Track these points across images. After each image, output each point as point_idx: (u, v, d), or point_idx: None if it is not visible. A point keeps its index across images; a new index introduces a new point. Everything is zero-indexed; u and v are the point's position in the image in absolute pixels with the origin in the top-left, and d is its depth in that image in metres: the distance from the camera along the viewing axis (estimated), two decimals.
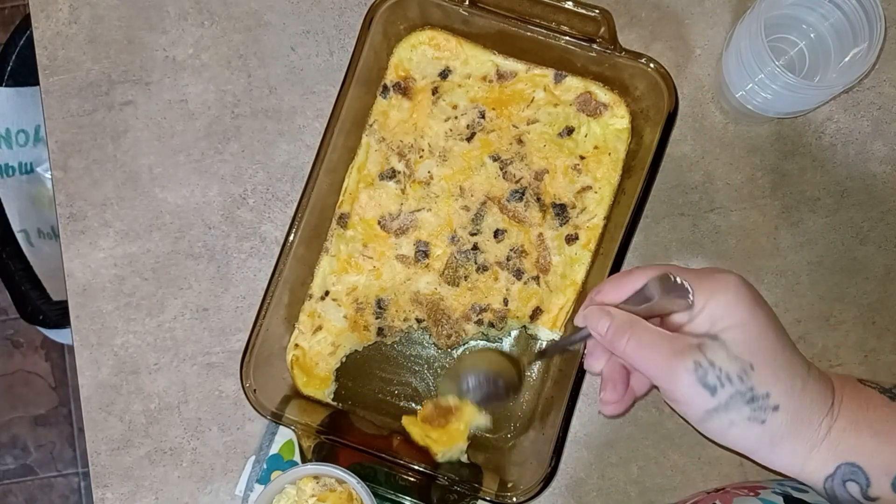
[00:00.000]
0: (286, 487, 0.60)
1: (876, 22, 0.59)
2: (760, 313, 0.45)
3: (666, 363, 0.45)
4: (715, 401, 0.44)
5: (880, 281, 0.68)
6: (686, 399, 0.45)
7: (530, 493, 0.59)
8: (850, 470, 0.43)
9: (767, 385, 0.43)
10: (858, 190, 0.69)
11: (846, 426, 0.44)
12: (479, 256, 0.67)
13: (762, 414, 0.43)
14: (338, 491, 0.60)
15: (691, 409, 0.45)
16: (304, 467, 0.60)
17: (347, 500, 0.59)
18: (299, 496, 0.60)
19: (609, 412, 0.51)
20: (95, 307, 0.70)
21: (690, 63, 0.70)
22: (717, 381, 0.44)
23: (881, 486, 0.43)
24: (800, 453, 0.44)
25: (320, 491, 0.60)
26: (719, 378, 0.44)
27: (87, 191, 0.71)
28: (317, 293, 0.67)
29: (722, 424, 0.44)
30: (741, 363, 0.44)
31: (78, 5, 0.73)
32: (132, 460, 0.69)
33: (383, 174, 0.68)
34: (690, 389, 0.44)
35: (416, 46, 0.68)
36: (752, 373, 0.43)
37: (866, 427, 0.44)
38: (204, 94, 0.72)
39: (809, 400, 0.44)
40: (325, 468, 0.59)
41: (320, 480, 0.60)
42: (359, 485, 0.58)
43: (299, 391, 0.66)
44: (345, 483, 0.59)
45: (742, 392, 0.43)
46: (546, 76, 0.68)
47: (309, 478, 0.60)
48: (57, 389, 1.47)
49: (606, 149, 0.67)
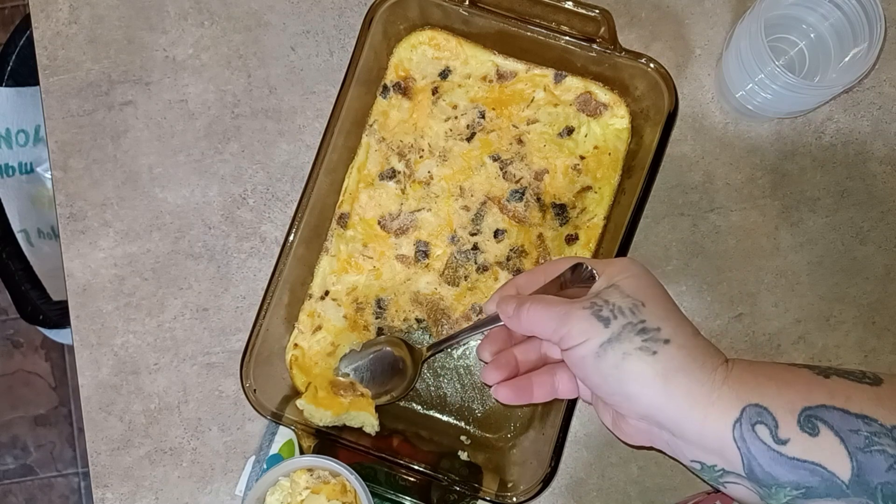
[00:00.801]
0: (280, 480, 0.60)
1: (876, 22, 0.59)
2: (650, 274, 0.49)
3: (563, 310, 0.47)
4: (608, 332, 0.45)
5: (880, 281, 0.68)
6: (581, 335, 0.46)
7: (530, 493, 0.59)
8: (757, 411, 0.43)
9: (658, 321, 0.45)
10: (858, 190, 0.69)
11: (742, 373, 0.44)
12: (479, 256, 0.67)
13: (653, 345, 0.44)
14: (331, 483, 0.60)
15: (587, 346, 0.46)
16: (298, 459, 0.60)
17: (341, 492, 0.59)
18: (293, 488, 0.60)
19: (502, 396, 0.53)
20: (95, 307, 0.70)
21: (690, 63, 0.70)
22: (609, 314, 0.45)
23: (788, 426, 0.42)
24: (698, 395, 0.44)
25: (314, 483, 0.60)
26: (612, 311, 0.46)
27: (87, 191, 0.71)
28: (317, 293, 0.67)
29: (615, 357, 0.45)
30: (633, 300, 0.46)
31: (78, 5, 0.73)
32: (132, 460, 0.69)
33: (383, 174, 0.68)
34: (585, 323, 0.46)
35: (416, 46, 0.68)
36: (643, 308, 0.46)
37: (762, 374, 0.44)
38: (204, 94, 0.72)
39: (702, 345, 0.46)
40: (318, 460, 0.59)
41: (314, 473, 0.60)
42: (352, 476, 0.58)
43: (299, 391, 0.66)
44: (338, 475, 0.59)
45: (633, 323, 0.45)
46: (546, 76, 0.68)
47: (302, 470, 0.60)
48: (57, 389, 1.47)
49: (606, 149, 0.67)
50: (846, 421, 0.42)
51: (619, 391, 0.46)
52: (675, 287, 0.68)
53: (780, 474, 0.43)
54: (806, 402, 0.43)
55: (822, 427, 0.42)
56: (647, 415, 0.46)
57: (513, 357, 0.55)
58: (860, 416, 0.42)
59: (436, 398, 0.67)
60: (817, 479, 0.42)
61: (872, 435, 0.41)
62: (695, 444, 0.45)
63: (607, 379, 0.46)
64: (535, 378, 0.54)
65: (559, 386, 0.54)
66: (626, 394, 0.46)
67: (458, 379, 0.67)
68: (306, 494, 0.59)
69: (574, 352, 0.47)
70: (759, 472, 0.43)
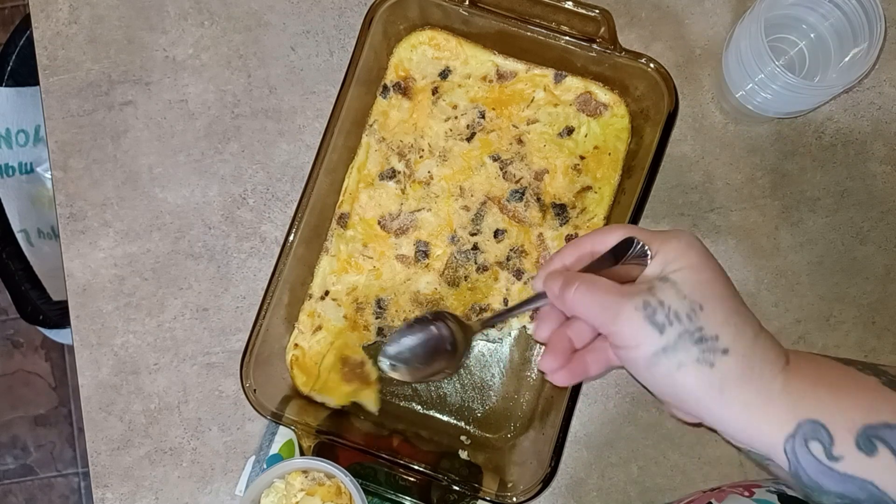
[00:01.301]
0: (275, 482, 0.60)
1: (876, 22, 0.59)
2: (713, 261, 0.45)
3: (614, 304, 0.43)
4: (663, 340, 0.42)
5: (880, 281, 0.68)
6: (633, 340, 0.43)
7: (530, 493, 0.59)
8: (813, 427, 0.41)
9: (717, 327, 0.42)
10: (858, 190, 0.69)
11: (802, 382, 0.42)
12: (479, 256, 0.67)
13: (711, 356, 0.41)
14: (326, 485, 0.60)
15: (639, 351, 0.43)
16: (293, 461, 0.60)
17: (336, 494, 0.59)
18: (288, 490, 0.60)
19: (559, 380, 0.50)
20: (95, 307, 0.70)
21: (690, 63, 0.70)
22: (665, 320, 0.42)
23: (845, 444, 0.40)
24: (753, 406, 0.41)
25: (309, 485, 0.60)
26: (667, 316, 0.42)
27: (87, 191, 0.71)
28: (317, 293, 0.67)
29: (670, 366, 0.42)
30: (690, 303, 0.42)
31: (78, 5, 0.73)
32: (132, 460, 0.69)
33: (383, 174, 0.68)
34: (638, 328, 0.42)
35: (416, 46, 0.68)
36: (700, 313, 0.42)
37: (825, 385, 0.42)
38: (204, 94, 0.72)
39: (762, 350, 0.42)
40: (313, 462, 0.59)
41: (309, 474, 0.60)
42: (347, 478, 0.58)
43: (299, 391, 0.66)
44: (333, 477, 0.59)
45: (690, 331, 0.42)
46: (546, 76, 0.68)
47: (297, 472, 0.60)
48: (57, 389, 1.47)
49: (606, 149, 0.67)
50: None
51: (670, 395, 0.44)
52: None
53: (828, 485, 0.41)
54: (867, 420, 0.40)
55: (880, 446, 0.40)
56: (697, 416, 0.44)
57: (566, 339, 0.50)
58: None
59: (436, 398, 0.67)
60: (865, 494, 0.40)
61: None
62: (744, 444, 0.44)
63: (659, 384, 0.44)
64: (589, 355, 0.50)
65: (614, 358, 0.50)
66: (678, 398, 0.44)
67: (458, 379, 0.67)
68: (301, 496, 0.59)
69: (623, 353, 0.44)
70: (806, 479, 0.42)
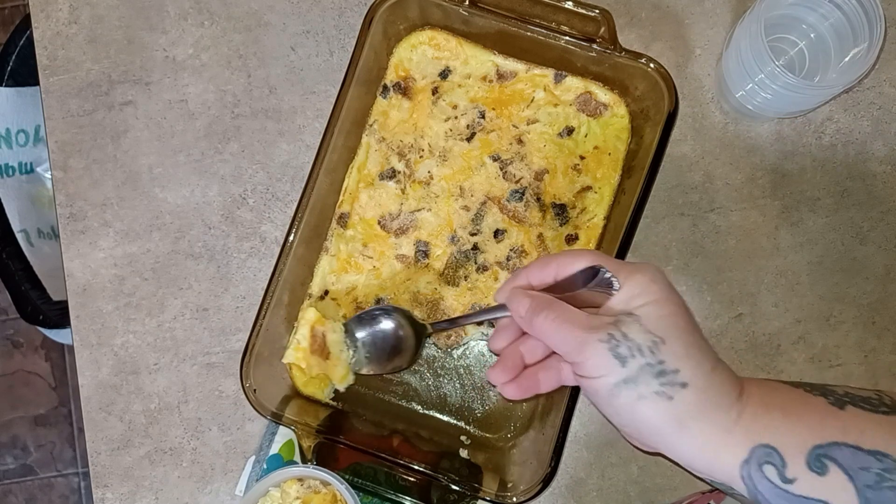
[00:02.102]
0: (270, 490, 0.60)
1: (876, 22, 0.59)
2: (675, 297, 0.47)
3: (580, 335, 0.45)
4: (625, 371, 0.44)
5: (880, 281, 0.68)
6: (596, 371, 0.44)
7: (530, 493, 0.59)
8: (765, 452, 0.42)
9: (677, 361, 0.44)
10: (858, 190, 0.69)
11: (757, 409, 0.44)
12: (479, 256, 0.67)
13: (670, 389, 0.43)
14: (322, 493, 0.59)
15: (601, 382, 0.44)
16: (289, 470, 0.60)
17: (332, 502, 0.59)
18: (283, 499, 0.59)
19: (508, 393, 0.52)
20: (95, 307, 0.70)
21: (690, 63, 0.70)
22: (627, 352, 0.44)
23: (797, 466, 0.42)
24: (711, 438, 0.43)
25: (304, 493, 0.59)
26: (630, 349, 0.44)
27: (87, 191, 0.71)
28: (316, 293, 0.67)
29: (630, 398, 0.44)
30: (652, 337, 0.44)
31: (78, 5, 0.73)
32: (132, 460, 0.69)
33: (383, 174, 0.68)
34: (601, 359, 0.44)
35: (416, 46, 0.68)
36: (662, 347, 0.44)
37: (776, 408, 0.44)
38: (204, 94, 0.72)
39: (719, 382, 0.44)
40: (309, 470, 0.59)
41: (304, 483, 0.60)
42: (342, 486, 0.58)
43: (299, 391, 0.66)
44: (329, 485, 0.59)
45: (651, 364, 0.43)
46: (546, 76, 0.68)
47: (293, 480, 0.60)
48: (57, 389, 1.47)
49: (606, 149, 0.67)
50: (857, 458, 0.41)
51: (629, 426, 0.46)
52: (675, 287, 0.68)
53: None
54: (817, 440, 0.42)
55: (831, 465, 0.41)
56: (656, 448, 0.46)
57: (518, 355, 0.53)
58: (872, 453, 0.41)
59: (436, 398, 0.67)
60: None
61: (884, 471, 0.41)
62: (704, 474, 0.45)
63: (620, 414, 0.45)
64: (542, 372, 0.53)
65: (565, 377, 0.53)
66: (638, 430, 0.45)
67: (458, 379, 0.67)
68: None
69: (588, 383, 0.46)
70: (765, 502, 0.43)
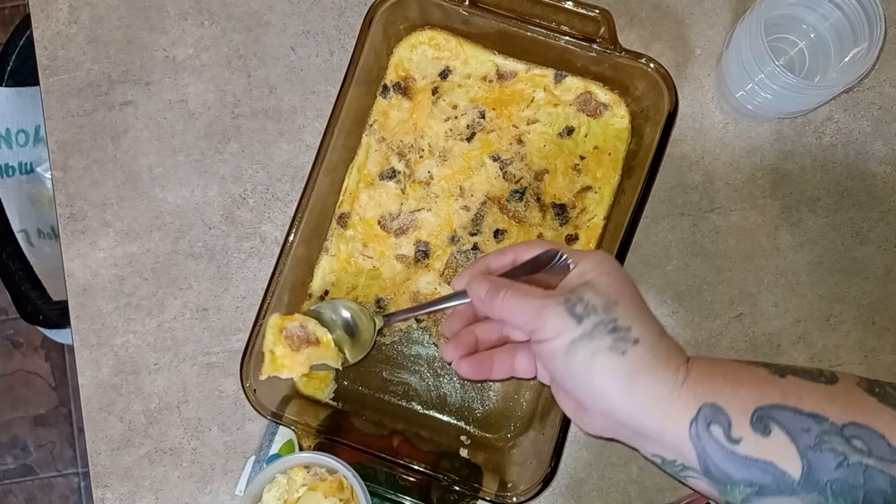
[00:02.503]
0: (276, 477, 0.60)
1: (876, 22, 0.59)
2: (624, 272, 0.49)
3: (539, 301, 0.48)
4: (580, 328, 0.46)
5: (880, 281, 0.68)
6: (554, 330, 0.46)
7: (530, 493, 0.59)
8: (711, 410, 0.44)
9: (630, 320, 0.46)
10: (858, 190, 0.69)
11: (701, 374, 0.45)
12: (478, 256, 0.67)
13: (623, 345, 0.45)
14: (328, 480, 0.59)
15: (558, 341, 0.46)
16: (295, 456, 0.60)
17: (338, 489, 0.59)
18: (290, 485, 0.59)
19: (463, 370, 0.54)
20: (95, 307, 0.70)
21: (690, 63, 0.70)
22: (583, 311, 0.46)
23: (741, 426, 0.43)
24: (660, 395, 0.45)
25: (311, 480, 0.59)
26: (585, 309, 0.46)
27: (87, 191, 0.71)
28: (316, 293, 0.67)
29: (586, 354, 0.45)
30: (607, 298, 0.47)
31: (78, 5, 0.73)
32: (132, 460, 0.69)
33: (383, 174, 0.68)
34: (559, 318, 0.46)
35: (416, 46, 0.68)
36: (615, 307, 0.46)
37: (719, 374, 0.45)
38: (204, 94, 0.72)
39: (666, 346, 0.46)
40: (315, 457, 0.59)
41: (311, 470, 0.60)
42: (349, 472, 0.58)
43: (299, 391, 0.66)
44: (336, 472, 0.59)
45: (605, 321, 0.46)
46: (546, 76, 0.68)
47: (299, 467, 0.60)
48: (57, 389, 1.47)
49: (606, 149, 0.67)
50: (797, 420, 0.43)
51: (584, 387, 0.47)
52: (675, 287, 0.68)
53: (734, 472, 0.44)
54: (759, 402, 0.44)
55: (773, 426, 0.43)
56: (609, 412, 0.47)
57: (473, 336, 0.56)
58: (811, 415, 0.43)
59: (436, 398, 0.67)
60: (769, 477, 0.43)
61: (823, 434, 0.42)
62: (655, 440, 0.46)
63: (574, 375, 0.47)
64: (496, 356, 0.55)
65: (518, 366, 0.55)
66: (592, 391, 0.46)
67: (458, 379, 0.67)
68: (303, 491, 0.59)
69: (545, 346, 0.47)
70: (714, 469, 0.44)
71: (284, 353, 0.60)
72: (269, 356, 0.60)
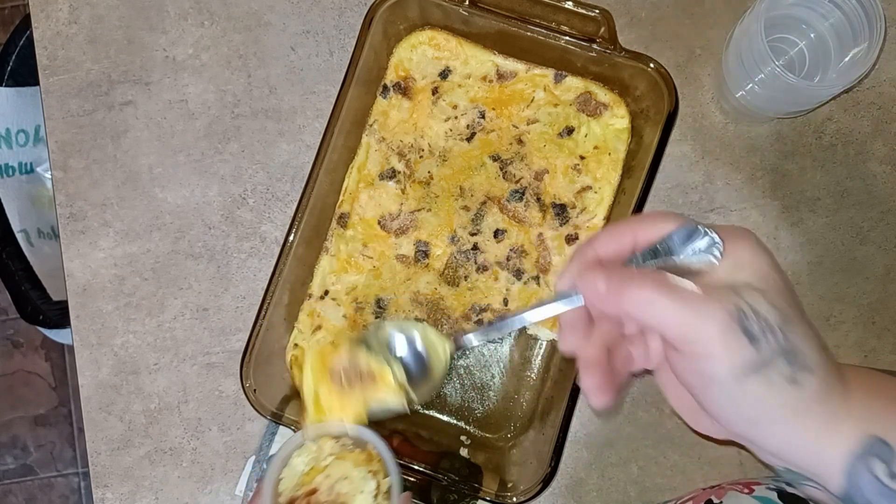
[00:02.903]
0: (307, 443, 0.57)
1: (876, 22, 0.59)
2: (780, 268, 0.39)
3: (696, 306, 0.36)
4: (757, 354, 0.36)
5: (880, 281, 0.68)
6: (720, 352, 0.36)
7: (530, 493, 0.59)
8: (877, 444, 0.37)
9: (801, 341, 0.37)
10: (858, 190, 0.69)
11: (863, 398, 0.38)
12: (478, 256, 0.67)
13: (800, 375, 0.36)
14: (356, 452, 0.57)
15: (725, 365, 0.36)
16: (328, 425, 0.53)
17: (367, 461, 0.57)
18: (318, 454, 0.58)
19: (599, 403, 0.41)
20: (95, 307, 0.70)
21: (690, 63, 0.70)
22: (758, 330, 0.36)
23: None
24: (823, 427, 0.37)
25: (338, 450, 0.56)
26: (761, 327, 0.36)
27: (87, 191, 0.71)
28: (316, 293, 0.67)
29: (760, 386, 0.36)
30: (780, 311, 0.36)
31: (78, 5, 0.73)
32: (132, 460, 0.69)
33: (383, 174, 0.68)
34: (729, 336, 0.35)
35: (416, 46, 0.68)
36: (791, 325, 0.37)
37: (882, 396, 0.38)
38: (204, 94, 0.72)
39: (833, 368, 0.38)
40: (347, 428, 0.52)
41: (340, 440, 0.56)
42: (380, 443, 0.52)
43: (299, 391, 0.66)
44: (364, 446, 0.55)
45: (783, 344, 0.36)
46: (546, 76, 0.68)
47: (328, 437, 0.54)
48: (57, 389, 1.47)
49: (606, 149, 0.67)
50: None
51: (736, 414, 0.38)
52: None
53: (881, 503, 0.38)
54: None
55: None
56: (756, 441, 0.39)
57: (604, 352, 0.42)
58: None
59: (436, 398, 0.67)
60: None
61: None
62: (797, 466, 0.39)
63: (737, 406, 0.37)
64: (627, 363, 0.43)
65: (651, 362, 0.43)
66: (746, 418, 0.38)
67: (458, 379, 0.67)
68: (330, 460, 0.57)
69: (704, 364, 0.37)
70: (861, 499, 0.38)
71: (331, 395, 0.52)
72: (312, 399, 0.51)
